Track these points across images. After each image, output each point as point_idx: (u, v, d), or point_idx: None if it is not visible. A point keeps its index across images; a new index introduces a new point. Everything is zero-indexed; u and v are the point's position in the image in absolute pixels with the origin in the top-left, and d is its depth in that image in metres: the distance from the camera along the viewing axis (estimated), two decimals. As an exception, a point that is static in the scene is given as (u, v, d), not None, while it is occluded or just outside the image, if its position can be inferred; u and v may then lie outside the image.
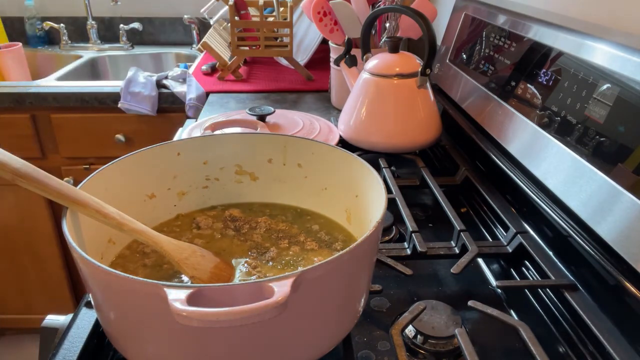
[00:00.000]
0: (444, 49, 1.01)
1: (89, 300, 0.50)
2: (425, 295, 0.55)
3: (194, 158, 0.57)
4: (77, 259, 0.37)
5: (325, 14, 1.07)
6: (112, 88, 1.38)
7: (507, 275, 0.61)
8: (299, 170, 0.58)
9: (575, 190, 0.53)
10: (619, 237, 0.46)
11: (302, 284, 0.34)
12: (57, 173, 1.46)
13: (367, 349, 0.49)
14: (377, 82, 0.84)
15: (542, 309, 0.55)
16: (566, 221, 0.55)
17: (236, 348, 0.37)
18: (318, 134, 0.88)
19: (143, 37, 1.93)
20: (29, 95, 1.35)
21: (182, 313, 0.30)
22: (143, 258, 0.51)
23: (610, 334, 0.45)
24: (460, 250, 0.60)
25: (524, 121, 0.66)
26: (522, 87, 0.69)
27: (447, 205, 0.67)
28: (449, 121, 0.90)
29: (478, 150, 0.79)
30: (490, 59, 0.80)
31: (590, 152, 0.52)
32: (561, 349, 0.50)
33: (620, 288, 0.46)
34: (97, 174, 0.48)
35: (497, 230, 0.68)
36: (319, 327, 0.41)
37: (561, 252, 0.57)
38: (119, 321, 0.40)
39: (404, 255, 0.59)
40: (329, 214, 0.57)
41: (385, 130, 0.84)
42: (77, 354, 0.45)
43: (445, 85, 0.97)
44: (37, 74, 1.79)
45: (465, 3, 0.96)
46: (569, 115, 0.57)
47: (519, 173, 0.67)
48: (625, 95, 0.50)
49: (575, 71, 0.58)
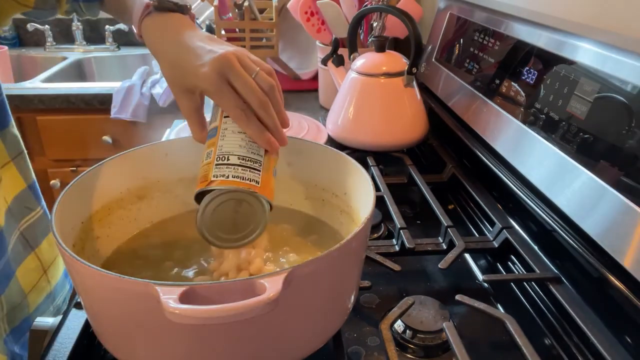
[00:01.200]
0: (430, 48, 1.02)
1: (79, 301, 0.50)
2: (414, 291, 0.56)
3: (182, 159, 0.57)
4: (66, 259, 0.37)
5: (312, 13, 1.07)
6: (98, 89, 1.37)
7: (493, 269, 0.63)
8: (287, 170, 0.58)
9: (560, 185, 0.54)
10: (603, 231, 0.47)
11: (294, 281, 0.34)
12: (43, 175, 1.45)
13: (357, 344, 0.49)
14: (364, 82, 0.85)
15: (527, 302, 0.56)
16: (550, 216, 0.56)
17: (228, 345, 0.37)
18: (306, 133, 0.89)
19: (130, 38, 1.91)
20: (14, 97, 1.34)
21: (174, 311, 0.30)
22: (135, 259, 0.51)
23: (594, 325, 0.46)
24: (448, 246, 0.60)
25: (508, 119, 0.67)
26: (507, 85, 0.70)
27: (435, 202, 0.68)
28: (435, 119, 0.91)
29: (464, 147, 0.80)
30: (475, 57, 0.81)
31: (573, 148, 0.53)
32: (547, 340, 0.51)
33: (604, 281, 0.47)
34: (83, 176, 0.48)
35: (483, 226, 0.69)
36: (310, 324, 0.41)
37: (546, 247, 0.58)
38: (110, 321, 0.40)
39: (392, 251, 0.60)
40: (318, 212, 0.58)
41: (373, 129, 0.85)
42: (67, 355, 0.45)
43: (432, 83, 0.98)
44: (21, 76, 1.77)
45: (450, 3, 0.97)
46: (551, 112, 0.58)
47: (505, 170, 0.68)
48: (605, 92, 0.51)
49: (557, 69, 0.59)
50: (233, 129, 0.44)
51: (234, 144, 0.44)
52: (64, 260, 0.38)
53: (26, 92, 1.35)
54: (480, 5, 0.84)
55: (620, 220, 0.45)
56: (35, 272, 0.64)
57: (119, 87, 1.34)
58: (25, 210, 0.63)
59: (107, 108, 1.35)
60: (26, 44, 1.94)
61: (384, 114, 0.84)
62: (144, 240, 0.54)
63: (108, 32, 1.87)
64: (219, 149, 0.43)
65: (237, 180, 0.42)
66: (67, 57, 1.80)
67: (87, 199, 0.49)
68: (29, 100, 1.35)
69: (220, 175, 0.42)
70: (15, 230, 0.60)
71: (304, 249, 0.52)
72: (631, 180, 0.45)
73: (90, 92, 1.36)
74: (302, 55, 1.44)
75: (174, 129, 0.96)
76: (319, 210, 0.58)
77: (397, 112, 0.85)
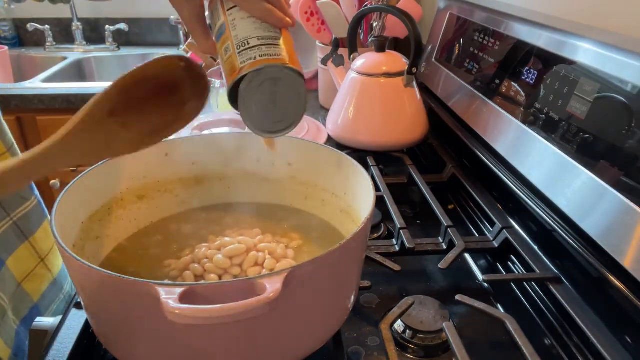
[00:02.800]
0: (430, 48, 1.02)
1: (79, 302, 0.50)
2: (414, 291, 0.56)
3: (182, 158, 0.57)
4: (66, 259, 0.37)
5: (312, 13, 1.08)
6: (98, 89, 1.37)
7: (493, 269, 0.63)
8: (288, 170, 0.58)
9: (560, 185, 0.54)
10: (603, 231, 0.47)
11: (294, 281, 0.34)
12: (43, 175, 1.45)
13: (357, 344, 0.49)
14: (364, 82, 0.85)
15: (527, 302, 0.56)
16: (550, 216, 0.56)
17: (227, 345, 0.37)
18: (306, 133, 0.89)
19: (129, 38, 1.92)
20: (14, 97, 1.34)
21: (174, 311, 0.30)
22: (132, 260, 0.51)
23: (594, 325, 0.46)
24: (448, 246, 0.60)
25: (508, 119, 0.67)
26: (507, 85, 0.70)
27: (435, 202, 0.68)
28: (435, 119, 0.92)
29: (464, 147, 0.80)
30: (475, 57, 0.81)
31: (573, 148, 0.53)
32: (547, 340, 0.51)
33: (604, 281, 0.48)
34: (83, 176, 0.48)
35: (483, 226, 0.69)
36: (310, 324, 0.41)
37: (546, 247, 0.58)
38: (110, 321, 0.40)
39: (392, 251, 0.60)
40: (318, 212, 0.58)
41: (373, 129, 0.85)
42: (67, 355, 0.45)
43: (432, 83, 0.98)
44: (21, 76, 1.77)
45: (450, 3, 0.97)
46: (551, 112, 0.58)
47: (505, 170, 0.68)
48: (605, 92, 0.51)
49: (557, 69, 0.59)
50: (242, 16, 0.43)
51: (248, 28, 0.42)
52: (64, 260, 0.38)
53: (26, 92, 1.35)
54: (480, 5, 0.84)
55: (620, 220, 0.45)
56: (29, 260, 0.64)
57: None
58: (20, 200, 0.63)
59: (107, 108, 1.35)
60: (26, 44, 1.94)
61: (383, 114, 0.84)
62: (144, 240, 0.54)
63: (108, 32, 1.87)
64: (235, 38, 0.42)
65: (266, 58, 0.41)
66: (67, 57, 1.80)
67: (87, 199, 0.49)
68: (29, 100, 1.35)
69: (247, 60, 0.41)
70: (5, 220, 0.60)
71: (304, 248, 0.52)
72: (631, 180, 0.45)
73: (90, 92, 1.36)
74: (302, 55, 1.43)
75: (174, 129, 0.96)
76: (319, 210, 0.58)
77: (397, 112, 0.85)
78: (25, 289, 0.62)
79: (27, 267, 0.64)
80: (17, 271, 0.61)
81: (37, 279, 0.65)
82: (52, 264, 0.68)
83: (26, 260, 0.64)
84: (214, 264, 0.46)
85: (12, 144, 0.64)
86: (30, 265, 0.64)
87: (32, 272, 0.64)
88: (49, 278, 0.67)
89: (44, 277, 0.66)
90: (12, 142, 0.65)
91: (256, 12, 0.42)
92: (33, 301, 0.63)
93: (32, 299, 0.63)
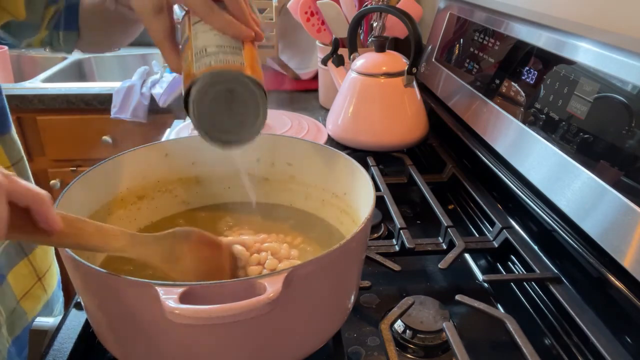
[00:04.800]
0: (430, 48, 1.02)
1: (79, 302, 0.50)
2: (414, 291, 0.56)
3: (182, 159, 0.57)
4: (66, 259, 0.37)
5: (312, 13, 1.07)
6: (98, 89, 1.37)
7: (493, 269, 0.63)
8: (287, 170, 0.58)
9: (559, 185, 0.54)
10: (603, 231, 0.47)
11: (294, 281, 0.34)
12: (44, 175, 1.45)
13: (357, 344, 0.49)
14: (364, 82, 0.85)
15: (527, 302, 0.56)
16: (550, 216, 0.56)
17: (227, 346, 0.37)
18: (306, 133, 0.89)
19: (129, 38, 1.92)
20: (14, 97, 1.34)
21: (174, 311, 0.30)
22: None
23: (594, 325, 0.46)
24: (448, 246, 0.60)
25: (508, 119, 0.67)
26: (507, 85, 0.70)
27: (435, 202, 0.68)
28: (435, 119, 0.91)
29: (464, 147, 0.80)
30: (475, 57, 0.81)
31: (573, 148, 0.53)
32: (547, 340, 0.51)
33: (604, 281, 0.48)
34: (84, 176, 0.48)
35: (483, 226, 0.69)
36: (310, 324, 0.41)
37: (546, 247, 0.58)
38: (110, 321, 0.40)
39: (392, 251, 0.60)
40: (318, 212, 0.58)
41: (373, 129, 0.85)
42: (67, 355, 0.45)
43: (432, 83, 0.98)
44: (21, 76, 1.77)
45: (450, 3, 0.97)
46: (551, 112, 0.58)
47: (505, 170, 0.68)
48: (605, 92, 0.51)
49: (557, 69, 0.59)
50: (204, 29, 0.43)
51: (208, 38, 0.42)
52: (64, 260, 0.38)
53: (26, 92, 1.35)
54: (480, 5, 0.84)
55: (620, 220, 0.45)
56: (28, 278, 0.64)
57: (119, 87, 1.34)
58: None
59: (107, 108, 1.35)
60: (26, 44, 1.94)
61: (383, 114, 0.84)
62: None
63: (108, 32, 1.87)
64: (195, 47, 0.42)
65: (221, 65, 0.40)
66: (67, 57, 1.80)
67: (87, 198, 0.49)
68: (29, 100, 1.34)
69: (202, 65, 0.40)
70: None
71: (304, 248, 0.52)
72: (631, 180, 0.45)
73: (90, 92, 1.36)
74: (302, 55, 1.44)
75: (174, 129, 0.96)
76: (319, 210, 0.58)
77: (397, 112, 0.85)
78: (23, 307, 0.62)
79: (26, 285, 0.63)
80: (16, 288, 0.61)
81: (34, 298, 0.64)
82: (48, 284, 0.68)
83: (24, 278, 0.63)
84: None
85: (20, 158, 0.63)
86: (29, 283, 0.64)
87: (30, 291, 0.64)
88: (44, 299, 0.67)
89: (40, 297, 0.66)
90: (22, 156, 0.64)
91: (215, 24, 0.42)
92: (28, 320, 0.62)
93: (28, 318, 0.62)
